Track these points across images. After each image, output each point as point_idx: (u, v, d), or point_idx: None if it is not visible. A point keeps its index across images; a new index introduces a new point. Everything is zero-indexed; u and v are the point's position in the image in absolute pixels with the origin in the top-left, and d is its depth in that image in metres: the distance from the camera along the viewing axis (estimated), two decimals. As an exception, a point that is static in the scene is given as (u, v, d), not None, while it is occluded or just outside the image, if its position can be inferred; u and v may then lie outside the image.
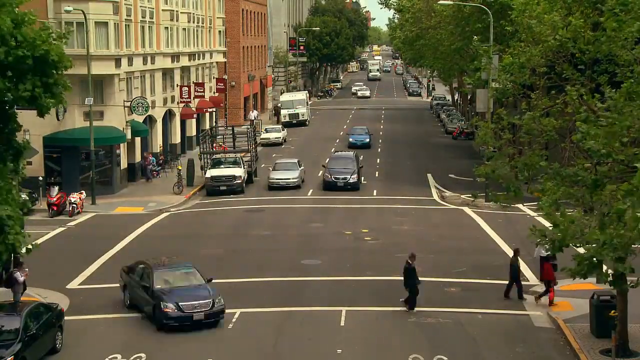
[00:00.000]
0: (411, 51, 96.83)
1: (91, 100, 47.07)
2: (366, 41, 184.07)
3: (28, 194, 43.22)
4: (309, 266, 33.74)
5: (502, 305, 28.38)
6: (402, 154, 69.40)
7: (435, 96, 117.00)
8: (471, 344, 24.89)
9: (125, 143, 52.81)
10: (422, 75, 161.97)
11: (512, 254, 29.96)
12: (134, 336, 25.74)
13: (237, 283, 31.48)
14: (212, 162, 53.74)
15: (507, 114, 25.75)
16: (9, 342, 22.07)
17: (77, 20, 47.23)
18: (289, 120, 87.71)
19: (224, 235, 40.03)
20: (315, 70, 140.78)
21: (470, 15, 58.27)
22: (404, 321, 26.80)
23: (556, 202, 22.03)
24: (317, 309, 28.11)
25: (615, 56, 23.57)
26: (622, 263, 20.41)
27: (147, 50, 57.73)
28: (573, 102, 23.02)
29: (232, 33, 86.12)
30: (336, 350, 24.25)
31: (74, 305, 28.55)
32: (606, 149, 20.75)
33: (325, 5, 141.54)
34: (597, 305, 24.79)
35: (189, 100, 65.48)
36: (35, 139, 45.59)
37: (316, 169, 60.55)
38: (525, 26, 29.76)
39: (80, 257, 35.26)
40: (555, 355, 24.05)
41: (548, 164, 23.29)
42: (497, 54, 45.35)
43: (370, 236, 39.20)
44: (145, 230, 41.18)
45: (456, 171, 59.67)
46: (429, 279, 31.44)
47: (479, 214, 44.16)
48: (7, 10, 22.51)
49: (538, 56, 26.52)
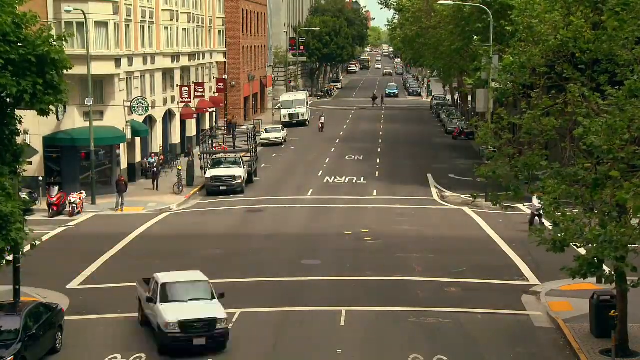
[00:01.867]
0: (411, 51, 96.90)
1: (91, 100, 47.08)
2: (366, 41, 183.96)
3: (28, 194, 43.34)
4: (309, 266, 33.73)
5: (502, 305, 28.37)
6: (402, 154, 69.38)
7: (435, 96, 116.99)
8: (471, 344, 24.88)
9: (125, 143, 52.83)
10: (423, 76, 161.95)
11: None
12: (134, 336, 25.73)
13: (237, 283, 31.46)
14: (212, 162, 53.75)
15: (507, 113, 25.73)
16: (9, 342, 22.04)
17: (77, 20, 47.26)
18: (289, 120, 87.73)
19: (224, 235, 40.02)
20: (315, 70, 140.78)
21: (470, 15, 58.31)
22: (404, 321, 26.78)
23: (557, 202, 22.01)
24: (317, 309, 28.09)
25: (615, 56, 23.56)
26: (623, 262, 20.40)
27: (147, 50, 57.74)
28: (575, 99, 23.00)
29: (232, 33, 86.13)
30: (336, 350, 24.24)
31: (74, 305, 28.53)
32: (607, 145, 20.73)
33: (325, 5, 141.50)
34: (597, 305, 24.77)
35: (189, 100, 65.50)
36: (35, 139, 45.64)
37: (316, 168, 60.63)
38: (526, 26, 29.74)
39: (80, 257, 35.26)
40: (555, 355, 24.04)
41: (549, 163, 23.27)
42: (497, 54, 45.38)
43: (370, 236, 39.19)
44: (145, 230, 41.17)
45: (456, 171, 59.68)
46: (429, 279, 31.47)
47: (479, 214, 44.16)
48: (8, 10, 22.54)
49: (538, 56, 26.50)
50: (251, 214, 45.49)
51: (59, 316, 25.00)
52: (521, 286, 30.68)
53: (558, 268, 23.20)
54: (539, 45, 26.78)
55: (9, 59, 22.25)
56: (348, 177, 57.56)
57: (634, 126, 21.14)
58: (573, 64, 25.09)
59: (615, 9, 23.04)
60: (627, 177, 20.26)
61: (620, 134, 20.83)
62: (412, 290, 30.22)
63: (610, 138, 20.82)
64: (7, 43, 22.19)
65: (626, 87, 21.55)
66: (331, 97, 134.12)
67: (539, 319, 27.12)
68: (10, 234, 22.22)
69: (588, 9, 28.60)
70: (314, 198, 50.16)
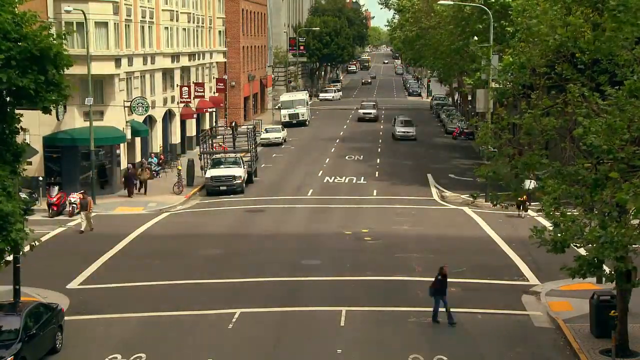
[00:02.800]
0: (411, 51, 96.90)
1: (91, 100, 47.08)
2: (366, 41, 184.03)
3: (28, 194, 43.30)
4: (309, 266, 33.73)
5: (502, 305, 28.38)
6: (402, 154, 69.39)
7: (435, 96, 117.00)
8: (471, 344, 24.89)
9: (125, 143, 52.83)
10: (423, 76, 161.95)
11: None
12: (134, 336, 25.73)
13: (237, 283, 31.48)
14: (212, 162, 53.74)
15: (507, 113, 25.73)
16: (9, 342, 22.06)
17: (77, 20, 47.25)
18: (289, 120, 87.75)
19: (224, 235, 40.03)
20: (315, 70, 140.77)
21: (470, 16, 58.33)
22: (404, 321, 26.79)
23: (557, 202, 22.00)
24: (317, 309, 28.10)
25: (615, 56, 23.56)
26: (623, 262, 20.41)
27: (147, 50, 57.74)
28: (574, 99, 23.00)
29: (232, 33, 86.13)
30: (336, 350, 24.25)
31: (74, 305, 28.54)
32: (607, 144, 20.73)
33: (325, 5, 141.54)
34: (597, 305, 24.78)
35: (189, 100, 65.49)
36: (35, 139, 45.60)
37: (316, 168, 60.62)
38: (525, 26, 29.75)
39: (80, 257, 35.26)
40: (555, 355, 24.04)
41: (549, 162, 23.27)
42: (497, 54, 45.39)
43: (370, 236, 39.19)
44: (145, 230, 41.18)
45: (456, 171, 59.70)
46: (429, 279, 31.42)
47: (479, 214, 44.17)
48: (8, 9, 22.56)
49: (538, 56, 26.50)
50: (251, 214, 45.50)
51: (59, 316, 25.01)
52: (521, 286, 30.69)
53: (558, 268, 23.23)
54: (539, 45, 26.78)
55: (10, 55, 22.29)
56: (348, 177, 57.58)
57: (634, 126, 21.16)
58: (573, 64, 25.09)
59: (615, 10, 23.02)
60: (627, 177, 20.28)
61: (620, 134, 20.84)
62: (412, 290, 30.23)
63: (610, 138, 20.83)
64: (7, 41, 22.23)
65: (626, 87, 21.56)
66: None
67: (539, 319, 27.13)
68: (10, 234, 22.24)
69: (588, 9, 28.59)
70: (314, 198, 50.16)
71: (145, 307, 28.51)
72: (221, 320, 26.87)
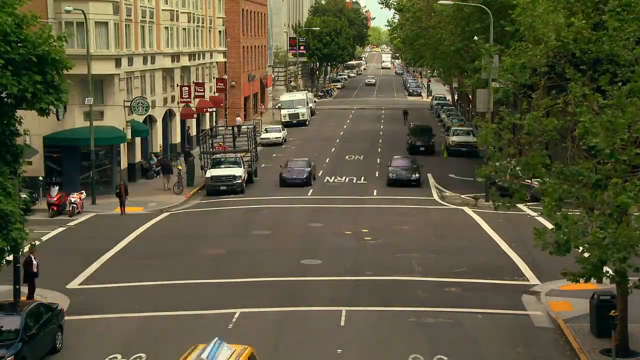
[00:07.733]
0: (411, 51, 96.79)
1: (91, 100, 47.07)
2: (366, 41, 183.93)
3: (28, 194, 43.33)
4: (309, 266, 33.72)
5: (502, 305, 28.35)
6: (402, 153, 69.14)
7: (435, 96, 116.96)
8: (471, 344, 24.87)
9: (125, 143, 52.82)
10: (423, 76, 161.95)
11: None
12: (134, 336, 25.73)
13: (237, 283, 31.47)
14: (212, 162, 53.73)
15: (508, 113, 25.70)
16: (9, 342, 22.06)
17: (77, 20, 47.25)
18: (289, 120, 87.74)
19: (224, 235, 40.02)
20: (315, 70, 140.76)
21: (470, 15, 58.23)
22: (404, 321, 26.78)
23: (558, 203, 21.97)
24: (317, 309, 28.09)
25: (616, 56, 23.54)
26: (625, 262, 20.40)
27: (147, 50, 57.73)
28: (575, 98, 22.98)
29: (232, 33, 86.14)
30: (336, 350, 24.23)
31: (74, 305, 28.54)
32: (609, 147, 20.71)
33: (325, 5, 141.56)
34: (597, 305, 24.76)
35: (189, 100, 65.48)
36: (35, 139, 45.66)
37: (316, 168, 60.53)
38: (527, 26, 29.69)
39: (80, 257, 35.26)
40: (555, 355, 24.03)
41: (551, 164, 23.26)
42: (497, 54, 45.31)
43: (370, 236, 39.17)
44: (145, 230, 41.16)
45: (456, 171, 59.65)
46: (429, 279, 31.46)
47: (479, 214, 44.14)
48: (8, 11, 22.53)
49: (539, 56, 26.46)
50: (251, 214, 45.48)
51: (59, 316, 25.01)
52: (521, 286, 30.66)
53: (558, 268, 23.24)
54: (540, 45, 26.75)
55: (9, 58, 22.26)
56: (348, 177, 57.56)
57: (635, 127, 21.14)
58: (574, 64, 25.07)
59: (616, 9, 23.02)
60: (628, 178, 20.26)
61: (620, 133, 20.82)
62: (412, 290, 30.21)
63: (610, 138, 20.80)
64: (7, 43, 22.19)
65: (627, 88, 21.54)
66: (331, 97, 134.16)
67: (539, 318, 27.11)
68: (11, 234, 22.26)
69: (589, 9, 28.59)
70: (314, 198, 50.14)
71: (145, 307, 28.50)
72: (221, 320, 26.85)
